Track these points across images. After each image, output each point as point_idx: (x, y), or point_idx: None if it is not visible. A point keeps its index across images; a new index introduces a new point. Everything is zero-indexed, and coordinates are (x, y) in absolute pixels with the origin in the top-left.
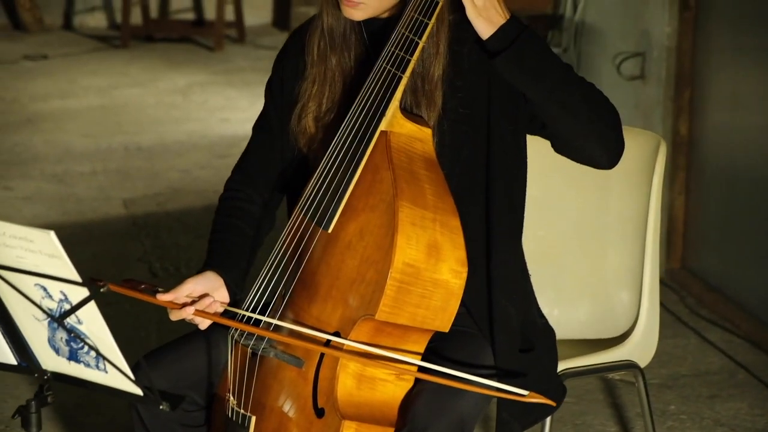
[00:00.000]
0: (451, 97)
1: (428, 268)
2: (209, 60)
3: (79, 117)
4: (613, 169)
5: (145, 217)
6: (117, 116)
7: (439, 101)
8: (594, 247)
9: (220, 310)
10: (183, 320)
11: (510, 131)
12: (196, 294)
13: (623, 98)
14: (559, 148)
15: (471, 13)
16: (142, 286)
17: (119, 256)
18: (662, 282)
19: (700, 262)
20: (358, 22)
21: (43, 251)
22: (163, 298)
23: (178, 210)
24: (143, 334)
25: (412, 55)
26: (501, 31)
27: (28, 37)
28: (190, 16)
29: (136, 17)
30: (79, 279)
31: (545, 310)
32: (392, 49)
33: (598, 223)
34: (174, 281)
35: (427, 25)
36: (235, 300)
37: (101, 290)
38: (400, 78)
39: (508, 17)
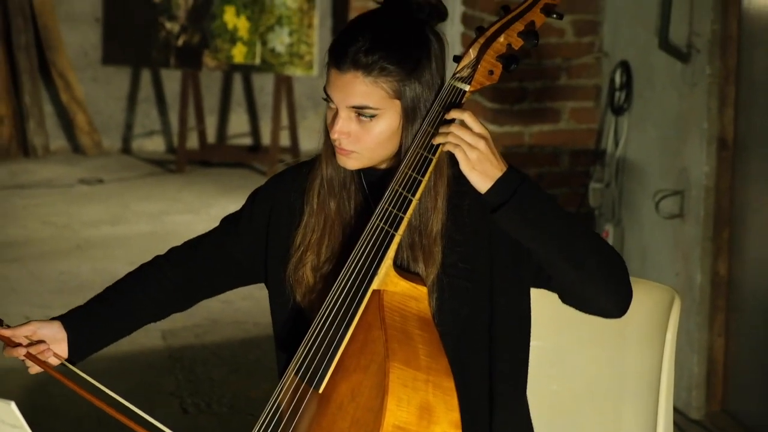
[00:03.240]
0: (451, 252)
1: (420, 430)
2: None
3: (128, 244)
4: (627, 323)
5: (182, 350)
6: (165, 243)
7: (438, 257)
8: (608, 402)
9: (53, 360)
10: None
11: (514, 286)
12: (35, 338)
13: (662, 237)
14: (566, 300)
15: (465, 168)
16: None
17: (151, 391)
18: (702, 425)
19: (740, 405)
20: (358, 173)
21: (6, 421)
22: (1, 332)
23: (215, 342)
24: None
25: (405, 212)
26: (499, 183)
27: (86, 161)
28: (247, 141)
29: (193, 142)
30: None
31: None
32: (386, 205)
33: (611, 378)
34: (204, 418)
35: (420, 182)
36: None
37: None
38: (393, 236)
39: (505, 168)
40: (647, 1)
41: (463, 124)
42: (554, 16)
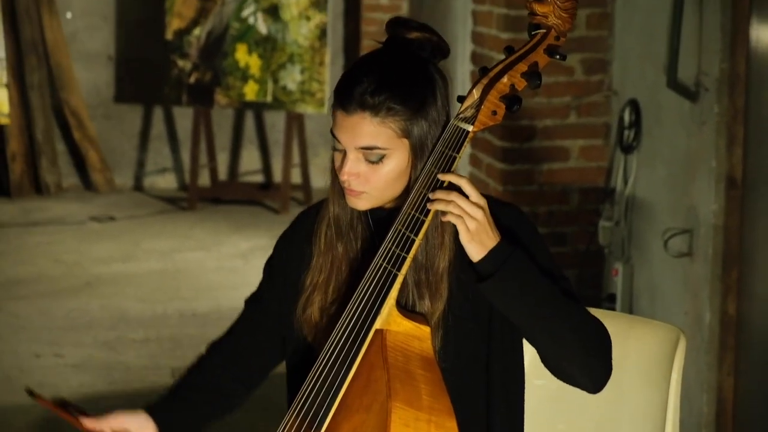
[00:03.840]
0: (458, 290)
1: None
2: (274, 223)
3: (138, 281)
4: (633, 363)
5: None
6: (176, 281)
7: (444, 294)
8: None
9: None
10: None
11: (509, 332)
12: (121, 430)
13: (671, 275)
14: (545, 365)
15: (464, 238)
16: (70, 407)
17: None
18: None
19: None
20: (365, 212)
21: None
22: (85, 422)
23: None
24: None
25: (408, 252)
26: (491, 254)
27: (98, 198)
28: (258, 178)
29: (205, 179)
30: None
31: None
32: (389, 245)
33: (617, 417)
34: None
35: (423, 222)
36: None
37: None
38: (396, 276)
39: (498, 239)
40: (656, 40)
41: (461, 191)
42: (557, 57)
